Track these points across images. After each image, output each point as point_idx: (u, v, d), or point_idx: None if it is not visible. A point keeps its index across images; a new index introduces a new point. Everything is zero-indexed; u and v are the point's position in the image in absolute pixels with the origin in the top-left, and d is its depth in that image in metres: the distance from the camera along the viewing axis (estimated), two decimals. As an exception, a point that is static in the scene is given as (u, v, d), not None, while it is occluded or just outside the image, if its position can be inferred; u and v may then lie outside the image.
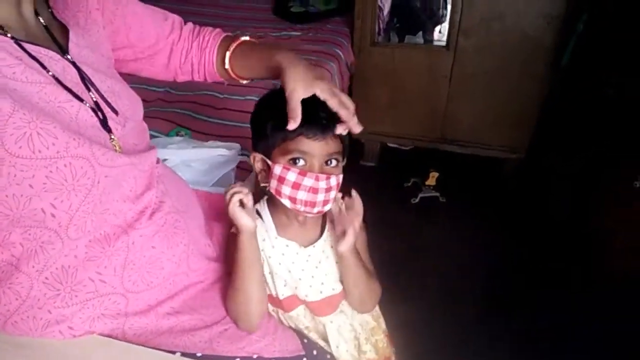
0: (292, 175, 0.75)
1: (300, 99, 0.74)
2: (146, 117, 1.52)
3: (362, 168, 2.36)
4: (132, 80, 1.11)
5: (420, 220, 2.03)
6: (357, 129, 0.79)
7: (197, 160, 1.14)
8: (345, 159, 0.82)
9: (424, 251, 1.87)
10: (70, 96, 0.66)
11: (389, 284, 0.97)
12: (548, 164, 2.16)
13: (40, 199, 0.61)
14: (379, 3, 2.24)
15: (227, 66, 0.91)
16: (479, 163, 2.26)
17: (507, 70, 2.04)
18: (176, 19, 0.94)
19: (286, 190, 0.76)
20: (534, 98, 2.06)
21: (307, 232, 0.85)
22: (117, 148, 0.71)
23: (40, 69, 0.64)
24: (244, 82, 0.95)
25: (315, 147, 0.75)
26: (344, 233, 0.79)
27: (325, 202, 0.78)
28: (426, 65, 2.13)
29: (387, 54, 2.15)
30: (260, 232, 0.83)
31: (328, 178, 0.76)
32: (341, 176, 0.79)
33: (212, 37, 0.93)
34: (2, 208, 0.59)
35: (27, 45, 0.63)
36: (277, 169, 0.76)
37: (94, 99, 0.70)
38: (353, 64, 2.16)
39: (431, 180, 2.06)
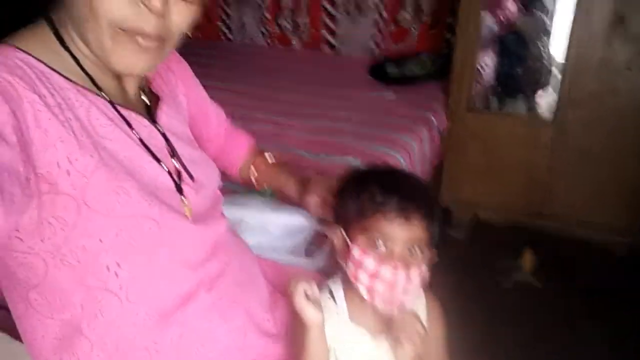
0: (370, 262, 0.70)
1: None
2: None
3: (449, 239, 2.21)
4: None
5: (513, 307, 1.82)
6: None
7: (273, 224, 1.13)
8: (432, 250, 0.75)
9: (517, 344, 1.66)
10: (151, 158, 0.69)
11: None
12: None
13: (107, 255, 0.62)
14: (479, 67, 2.18)
15: (250, 175, 1.06)
16: (583, 246, 2.03)
17: (618, 146, 1.87)
18: (223, 113, 1.06)
19: (364, 277, 0.71)
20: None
21: (384, 319, 0.77)
22: (188, 213, 0.72)
23: (129, 130, 0.67)
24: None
25: (395, 230, 0.69)
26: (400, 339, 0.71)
27: (406, 299, 0.72)
28: (526, 135, 2.01)
29: (484, 120, 2.07)
30: (331, 315, 0.77)
31: (407, 268, 0.69)
32: (426, 270, 0.72)
33: (244, 139, 1.08)
34: (72, 259, 0.61)
35: (120, 108, 0.67)
36: (355, 252, 0.71)
37: (174, 165, 0.73)
38: (445, 130, 2.09)
39: (527, 262, 1.87)
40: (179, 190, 0.72)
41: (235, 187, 1.50)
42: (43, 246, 0.59)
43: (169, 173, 0.72)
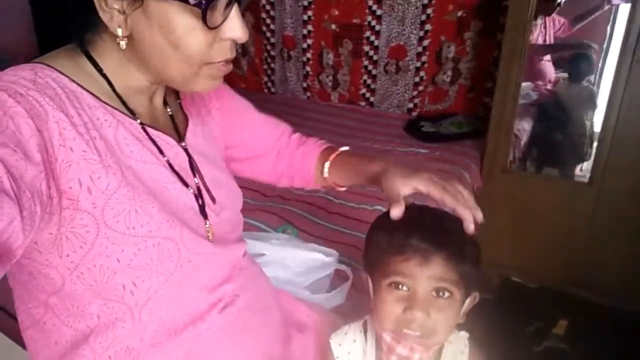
0: (387, 337, 0.69)
1: (401, 195, 0.70)
2: (261, 210, 1.61)
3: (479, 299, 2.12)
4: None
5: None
6: (469, 218, 0.68)
7: (293, 260, 1.12)
8: (472, 294, 0.70)
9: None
10: (175, 179, 0.69)
11: None
12: None
13: (124, 275, 0.61)
14: (516, 131, 2.17)
15: (325, 175, 0.92)
16: (623, 318, 1.90)
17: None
18: (287, 126, 1.00)
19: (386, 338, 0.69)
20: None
21: None
22: (210, 235, 0.72)
23: (156, 151, 0.68)
24: (342, 189, 0.95)
25: (414, 271, 0.65)
26: None
27: None
28: (563, 200, 1.95)
29: (519, 182, 2.03)
30: (356, 352, 0.74)
31: (427, 349, 0.67)
32: (460, 312, 0.69)
33: (315, 146, 0.97)
34: (88, 278, 0.60)
35: (148, 129, 0.68)
36: (375, 294, 0.70)
37: (197, 184, 0.73)
38: (479, 189, 2.06)
39: (559, 329, 1.77)
40: (203, 213, 0.72)
41: (263, 224, 1.51)
42: (60, 262, 0.59)
43: (195, 196, 0.71)
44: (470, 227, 0.69)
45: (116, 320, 0.64)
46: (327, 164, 0.91)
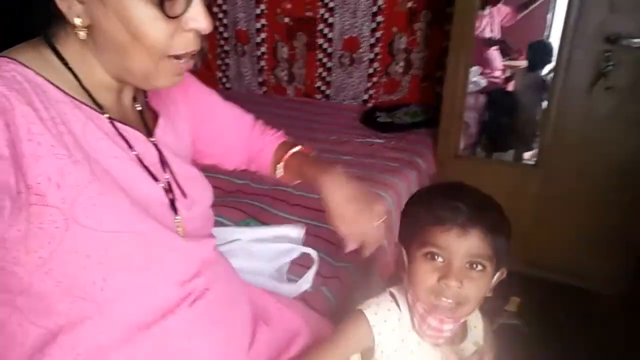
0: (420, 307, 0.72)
1: (341, 224, 0.82)
2: (223, 205, 1.60)
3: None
4: (217, 171, 1.18)
5: (498, 350, 1.80)
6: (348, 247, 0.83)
7: (261, 248, 1.13)
8: (500, 269, 0.74)
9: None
10: (146, 174, 0.69)
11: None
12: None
13: (94, 271, 0.61)
14: (466, 119, 2.25)
15: (278, 175, 0.97)
16: (572, 293, 2.02)
17: (604, 195, 1.90)
18: (251, 116, 1.03)
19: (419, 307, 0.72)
20: (635, 228, 1.87)
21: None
22: (180, 230, 0.72)
23: (125, 146, 0.67)
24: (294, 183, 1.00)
25: (452, 243, 0.68)
26: None
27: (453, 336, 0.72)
28: (512, 182, 2.04)
29: (471, 167, 2.11)
30: (392, 319, 0.76)
31: (455, 321, 0.70)
32: (488, 287, 0.72)
33: (273, 139, 1.01)
34: (57, 274, 0.60)
35: (117, 124, 0.67)
36: (410, 265, 0.73)
37: (168, 180, 0.73)
38: (434, 175, 2.13)
39: (512, 306, 1.86)
40: (173, 208, 0.72)
41: (225, 219, 1.51)
42: (28, 258, 0.58)
43: (164, 190, 0.71)
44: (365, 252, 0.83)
45: (85, 317, 0.63)
46: (280, 166, 0.95)
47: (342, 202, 0.83)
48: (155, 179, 0.70)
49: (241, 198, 1.67)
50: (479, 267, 0.69)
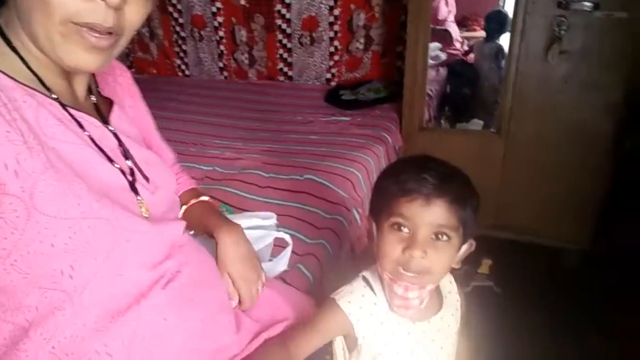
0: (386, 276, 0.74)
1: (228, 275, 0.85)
2: (191, 193, 1.58)
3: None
4: (182, 159, 1.15)
5: (472, 311, 1.86)
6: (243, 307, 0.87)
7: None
8: (468, 241, 0.75)
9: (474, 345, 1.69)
10: (104, 159, 0.68)
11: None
12: (613, 255, 1.97)
13: (61, 260, 0.60)
14: (429, 92, 2.28)
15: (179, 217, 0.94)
16: (539, 252, 2.10)
17: (563, 158, 1.97)
18: (174, 155, 1.04)
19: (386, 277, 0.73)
20: (593, 187, 1.95)
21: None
22: (145, 212, 0.72)
23: (80, 131, 0.66)
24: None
25: (417, 212, 0.69)
26: None
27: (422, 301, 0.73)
28: (477, 151, 2.09)
29: (436, 139, 2.14)
30: (368, 305, 0.76)
31: (421, 288, 0.71)
32: (455, 257, 0.74)
33: (185, 180, 1.02)
34: (22, 265, 0.58)
35: (70, 109, 0.66)
36: (378, 237, 0.74)
37: (129, 166, 0.73)
38: (401, 148, 2.16)
39: (484, 269, 1.93)
40: (134, 190, 0.71)
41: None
42: None
43: (123, 173, 0.71)
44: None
45: (55, 309, 0.62)
46: (184, 207, 0.95)
47: (233, 259, 0.87)
48: (111, 161, 0.69)
49: (209, 185, 1.65)
50: (444, 238, 0.70)
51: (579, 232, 2.03)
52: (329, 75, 2.64)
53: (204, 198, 0.97)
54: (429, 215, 0.69)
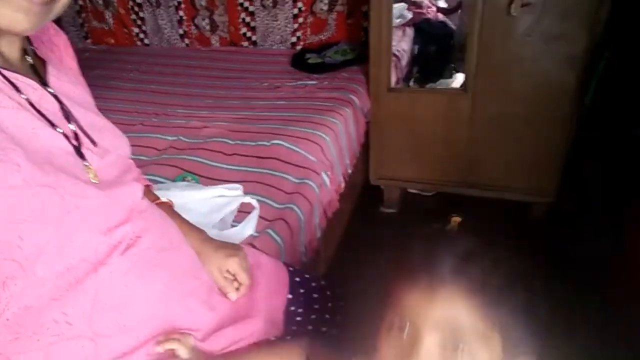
0: None
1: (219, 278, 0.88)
2: (157, 164, 1.55)
3: (382, 215, 2.29)
4: (145, 130, 1.12)
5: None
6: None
7: (197, 202, 1.11)
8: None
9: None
10: (44, 123, 0.64)
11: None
12: (578, 207, 2.03)
13: (7, 230, 0.57)
14: (395, 52, 2.25)
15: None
16: (506, 207, 2.14)
17: (529, 112, 1.98)
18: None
19: None
20: (558, 140, 1.98)
21: None
22: (93, 177, 0.69)
23: (16, 95, 0.62)
24: None
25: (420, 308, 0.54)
26: None
27: None
28: (444, 110, 2.09)
29: (404, 99, 2.13)
30: None
31: None
32: None
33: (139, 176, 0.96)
34: None
35: (4, 71, 0.62)
36: None
37: (73, 130, 0.69)
38: (369, 110, 2.14)
39: (453, 226, 1.96)
40: (80, 155, 0.68)
41: (160, 177, 1.46)
42: None
43: (67, 137, 0.67)
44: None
45: (7, 279, 0.59)
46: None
47: (213, 258, 0.89)
48: (53, 125, 0.66)
49: (175, 155, 1.62)
50: (464, 349, 0.54)
51: (547, 185, 2.07)
52: (294, 39, 2.58)
53: (164, 199, 0.95)
54: (437, 312, 0.55)
